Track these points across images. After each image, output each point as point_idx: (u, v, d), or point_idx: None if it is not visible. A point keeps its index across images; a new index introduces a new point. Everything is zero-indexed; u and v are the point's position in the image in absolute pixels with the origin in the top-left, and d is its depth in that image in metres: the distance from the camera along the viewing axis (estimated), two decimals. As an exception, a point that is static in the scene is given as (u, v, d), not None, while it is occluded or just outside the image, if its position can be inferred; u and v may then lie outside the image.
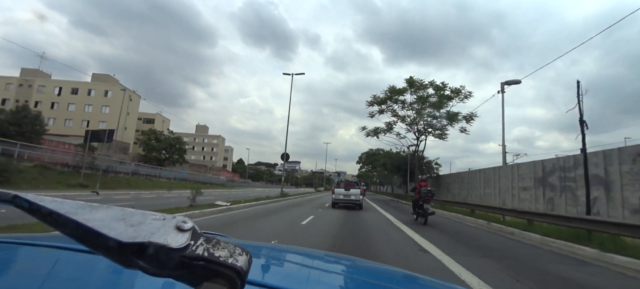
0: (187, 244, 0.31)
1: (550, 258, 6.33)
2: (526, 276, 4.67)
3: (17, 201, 0.32)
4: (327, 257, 1.33)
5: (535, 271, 5.14)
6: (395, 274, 1.16)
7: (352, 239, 7.19)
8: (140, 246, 0.29)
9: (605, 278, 5.08)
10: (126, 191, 22.24)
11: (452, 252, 6.08)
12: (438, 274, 4.82)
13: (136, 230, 0.31)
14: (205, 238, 0.33)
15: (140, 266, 0.30)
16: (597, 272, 5.41)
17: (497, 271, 4.95)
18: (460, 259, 5.44)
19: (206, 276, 0.31)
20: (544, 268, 5.43)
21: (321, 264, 1.15)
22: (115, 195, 17.22)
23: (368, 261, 1.39)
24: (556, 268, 5.45)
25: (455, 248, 6.63)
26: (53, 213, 0.31)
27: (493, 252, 6.64)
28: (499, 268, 5.11)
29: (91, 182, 20.21)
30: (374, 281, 1.03)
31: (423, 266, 5.08)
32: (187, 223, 0.33)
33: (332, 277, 1.00)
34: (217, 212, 10.70)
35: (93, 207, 0.33)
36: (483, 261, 5.66)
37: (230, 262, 0.31)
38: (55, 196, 0.33)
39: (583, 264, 5.95)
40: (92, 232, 0.30)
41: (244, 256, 0.33)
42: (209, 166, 64.02)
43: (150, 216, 0.34)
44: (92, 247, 0.30)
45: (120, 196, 17.13)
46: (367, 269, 1.21)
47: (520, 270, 5.06)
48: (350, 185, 17.08)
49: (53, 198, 0.33)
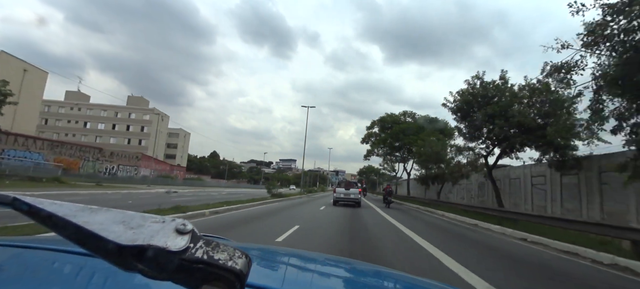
0: (187, 247, 0.31)
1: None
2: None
3: (17, 203, 0.32)
4: (327, 260, 1.33)
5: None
6: (393, 277, 1.16)
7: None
8: (139, 249, 0.29)
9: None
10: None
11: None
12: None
13: (135, 233, 0.31)
14: (204, 241, 0.33)
15: (139, 269, 0.30)
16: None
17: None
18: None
19: (206, 279, 0.31)
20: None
21: (320, 267, 1.14)
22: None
23: (367, 264, 1.39)
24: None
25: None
26: (52, 216, 0.31)
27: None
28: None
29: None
30: (373, 283, 1.03)
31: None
32: (186, 226, 0.33)
33: (331, 280, 1.00)
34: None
35: (93, 210, 0.33)
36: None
37: (229, 265, 0.31)
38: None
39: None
40: (92, 235, 0.30)
41: (244, 259, 0.33)
42: (134, 153, 41.19)
43: (149, 218, 0.34)
44: (91, 250, 0.30)
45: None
46: (366, 272, 1.22)
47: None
48: (350, 185, 18.65)
49: (52, 201, 0.33)
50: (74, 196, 12.97)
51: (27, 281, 0.63)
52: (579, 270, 5.52)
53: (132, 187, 26.29)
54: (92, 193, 15.89)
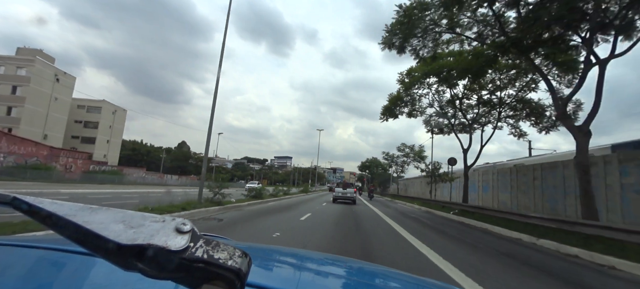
0: (187, 246, 0.31)
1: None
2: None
3: (16, 202, 0.32)
4: (326, 259, 1.34)
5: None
6: (393, 276, 1.16)
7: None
8: (139, 248, 0.29)
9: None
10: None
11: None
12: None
13: (135, 232, 0.31)
14: (204, 240, 0.33)
15: (139, 268, 0.30)
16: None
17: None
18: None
19: (206, 278, 0.31)
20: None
21: (320, 267, 1.15)
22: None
23: (366, 263, 1.39)
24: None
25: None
26: (52, 215, 0.31)
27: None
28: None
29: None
30: (373, 282, 1.03)
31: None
32: (186, 225, 0.33)
33: (331, 279, 1.00)
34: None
35: (93, 209, 0.33)
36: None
37: (229, 264, 0.31)
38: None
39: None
40: (92, 234, 0.30)
41: (244, 258, 0.33)
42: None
43: (149, 218, 0.34)
44: (91, 249, 0.30)
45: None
46: (365, 271, 1.22)
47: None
48: (348, 185, 22.69)
49: (53, 200, 0.33)
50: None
51: (28, 280, 0.63)
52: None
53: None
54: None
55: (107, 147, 47.28)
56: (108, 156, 46.22)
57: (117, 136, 50.02)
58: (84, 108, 46.19)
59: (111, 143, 48.22)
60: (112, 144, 48.53)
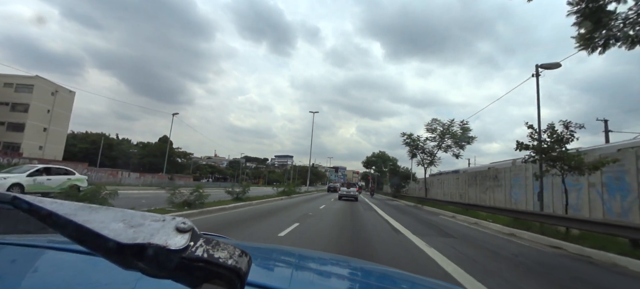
0: (187, 245, 0.31)
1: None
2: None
3: (17, 202, 0.32)
4: (327, 258, 1.34)
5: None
6: (394, 276, 1.16)
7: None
8: (139, 247, 0.29)
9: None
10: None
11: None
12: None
13: (136, 231, 0.31)
14: (204, 239, 0.33)
15: (139, 267, 0.30)
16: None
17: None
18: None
19: (206, 278, 0.31)
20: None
21: (321, 266, 1.15)
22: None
23: (367, 262, 1.39)
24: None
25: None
26: (52, 214, 0.31)
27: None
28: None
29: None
30: (373, 282, 1.03)
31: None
32: (186, 224, 0.33)
33: (331, 278, 1.00)
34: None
35: (93, 208, 0.33)
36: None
37: (230, 263, 0.31)
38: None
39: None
40: (92, 233, 0.30)
41: (244, 258, 0.33)
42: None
43: (150, 217, 0.34)
44: (91, 248, 0.30)
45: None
46: (366, 271, 1.22)
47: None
48: (351, 185, 27.39)
49: (53, 200, 0.33)
50: None
51: (28, 279, 0.63)
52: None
53: None
54: None
55: (44, 137, 36.57)
56: (46, 149, 35.98)
57: (59, 123, 38.49)
58: (12, 87, 35.54)
59: (50, 132, 37.13)
60: (53, 134, 37.42)
